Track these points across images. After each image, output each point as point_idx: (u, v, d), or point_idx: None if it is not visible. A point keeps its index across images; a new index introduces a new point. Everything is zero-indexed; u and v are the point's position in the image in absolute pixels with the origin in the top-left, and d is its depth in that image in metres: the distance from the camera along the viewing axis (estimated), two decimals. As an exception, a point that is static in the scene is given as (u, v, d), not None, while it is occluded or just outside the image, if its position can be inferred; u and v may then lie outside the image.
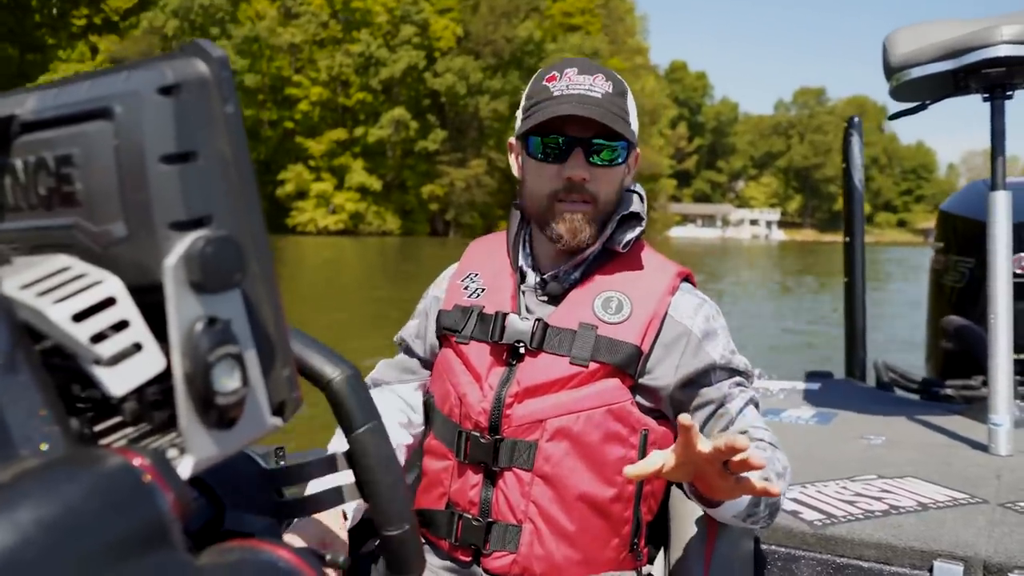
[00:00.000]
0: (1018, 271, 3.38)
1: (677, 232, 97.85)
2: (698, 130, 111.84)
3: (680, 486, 1.32)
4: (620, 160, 1.30)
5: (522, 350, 1.30)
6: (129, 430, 0.51)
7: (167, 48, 56.98)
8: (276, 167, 59.81)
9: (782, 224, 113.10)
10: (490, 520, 1.28)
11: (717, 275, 25.37)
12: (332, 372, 0.73)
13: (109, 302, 0.46)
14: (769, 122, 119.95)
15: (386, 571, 0.74)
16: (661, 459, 1.07)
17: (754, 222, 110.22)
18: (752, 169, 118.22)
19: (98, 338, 0.45)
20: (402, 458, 1.43)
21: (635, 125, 1.34)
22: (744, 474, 1.04)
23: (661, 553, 1.41)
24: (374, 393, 1.44)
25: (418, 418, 1.47)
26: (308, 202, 59.16)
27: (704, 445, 1.02)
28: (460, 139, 63.85)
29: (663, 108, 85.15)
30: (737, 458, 0.99)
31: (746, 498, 1.15)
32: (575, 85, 1.27)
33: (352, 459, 0.72)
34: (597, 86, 1.27)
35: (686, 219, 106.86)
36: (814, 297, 19.25)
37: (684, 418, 1.02)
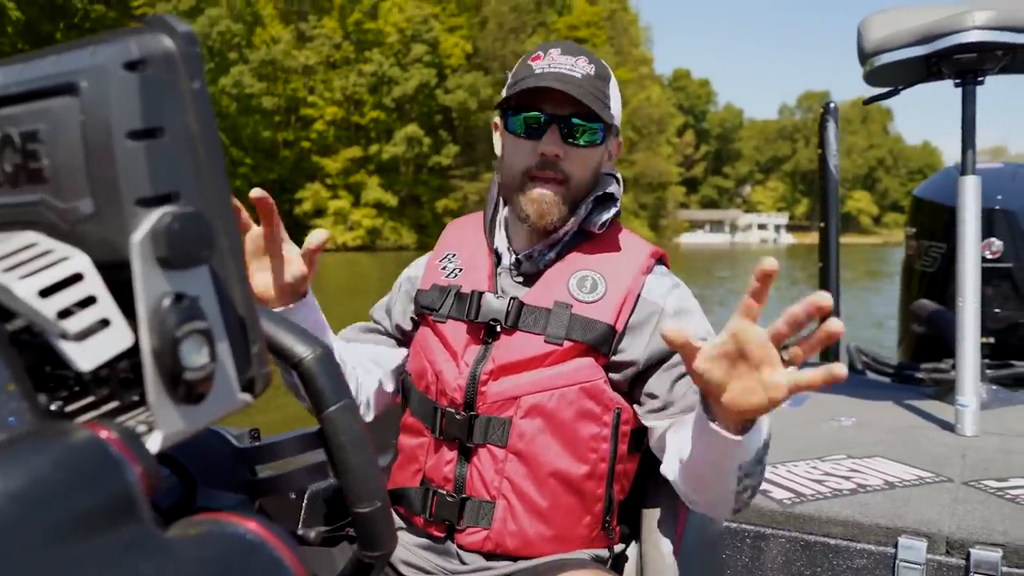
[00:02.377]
0: (988, 255, 3.44)
1: (687, 239, 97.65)
2: (703, 137, 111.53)
3: (657, 468, 1.33)
4: (597, 142, 1.31)
5: (498, 328, 1.31)
6: (100, 410, 0.51)
7: None
8: (294, 186, 61.16)
9: (790, 228, 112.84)
10: (464, 496, 1.29)
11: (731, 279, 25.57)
12: (303, 351, 0.73)
13: (76, 278, 0.46)
14: (774, 127, 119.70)
15: (358, 549, 0.75)
16: (709, 339, 0.98)
17: (762, 226, 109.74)
18: (759, 174, 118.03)
19: (65, 314, 0.45)
20: (365, 402, 1.46)
21: (616, 110, 1.34)
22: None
23: (634, 533, 1.43)
24: (343, 345, 1.46)
25: (375, 373, 1.49)
26: (326, 219, 60.09)
27: (754, 330, 0.91)
28: (471, 153, 65.13)
29: (670, 117, 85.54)
30: (812, 332, 0.88)
31: (763, 431, 1.06)
32: (557, 64, 1.28)
33: (324, 438, 0.73)
34: (579, 67, 1.28)
35: (694, 225, 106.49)
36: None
37: (677, 332, 0.95)
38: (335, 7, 64.83)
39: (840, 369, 0.86)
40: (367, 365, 1.49)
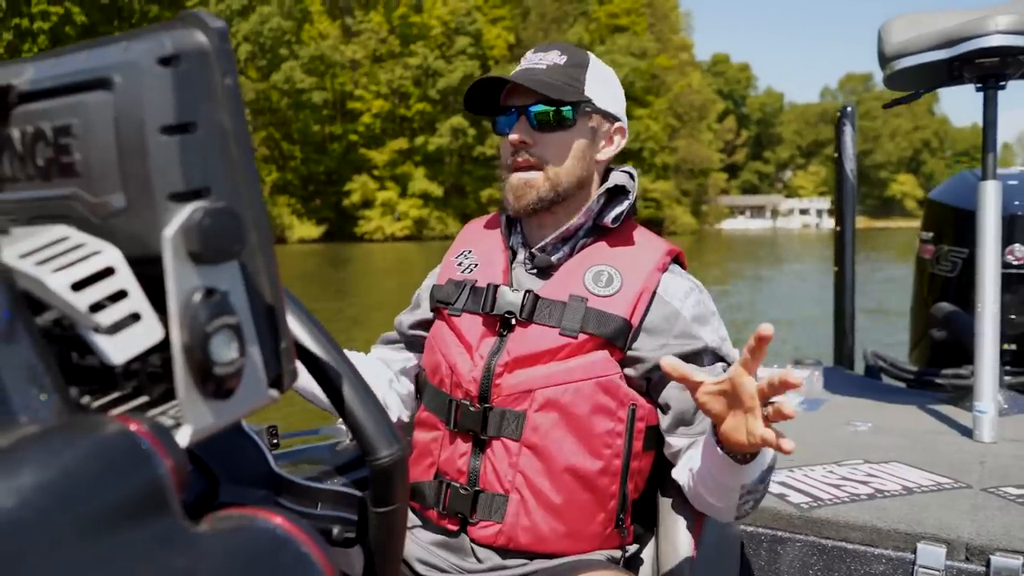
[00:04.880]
0: (1013, 261, 3.41)
1: (728, 224, 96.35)
2: (743, 122, 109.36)
3: (667, 470, 1.33)
4: (568, 124, 1.32)
5: (513, 321, 1.31)
6: (130, 404, 0.51)
7: (243, 70, 58.92)
8: (341, 178, 62.31)
9: (832, 212, 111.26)
10: (477, 489, 1.29)
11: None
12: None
13: (108, 272, 0.46)
14: (815, 110, 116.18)
15: (371, 504, 0.72)
16: (711, 377, 1.07)
17: (804, 211, 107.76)
18: (800, 158, 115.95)
19: (97, 307, 0.45)
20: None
21: (596, 91, 1.35)
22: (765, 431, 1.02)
23: (648, 533, 1.42)
24: (355, 355, 1.48)
25: (385, 373, 1.52)
26: (374, 211, 61.63)
27: (749, 382, 1.01)
28: (515, 143, 65.84)
29: (711, 103, 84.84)
30: (777, 402, 0.99)
31: (767, 460, 1.13)
32: (526, 62, 1.36)
33: (333, 392, 0.71)
34: (547, 59, 1.34)
35: (734, 211, 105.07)
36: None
37: (674, 367, 1.04)
38: (380, 2, 65.89)
39: (794, 378, 0.96)
40: (377, 368, 1.52)
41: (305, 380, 1.35)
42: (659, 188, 70.74)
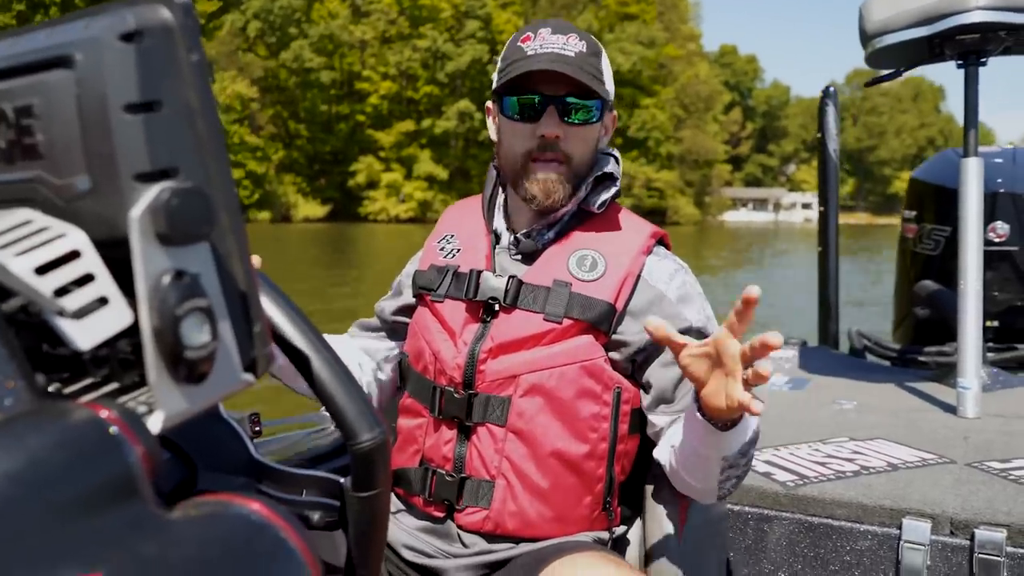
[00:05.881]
0: (994, 239, 3.43)
1: (731, 216, 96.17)
2: (749, 114, 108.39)
3: (651, 447, 1.33)
4: (594, 119, 1.30)
5: (496, 307, 1.30)
6: (100, 391, 0.50)
7: (252, 48, 58.46)
8: (347, 159, 62.82)
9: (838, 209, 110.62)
10: (463, 476, 1.28)
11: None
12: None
13: (73, 255, 0.45)
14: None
15: (351, 489, 0.71)
16: (695, 341, 1.08)
17: (806, 205, 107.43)
18: (804, 152, 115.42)
19: (62, 292, 0.44)
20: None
21: (610, 85, 1.34)
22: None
23: (635, 515, 1.42)
24: (334, 339, 1.47)
25: (369, 363, 1.51)
26: (379, 192, 62.22)
27: (733, 344, 1.01)
28: (520, 128, 66.43)
29: (717, 94, 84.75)
30: (759, 365, 1.00)
31: (748, 431, 1.13)
32: (548, 44, 1.27)
33: (311, 375, 0.70)
34: (571, 45, 1.27)
35: (737, 203, 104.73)
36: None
37: (658, 327, 1.06)
38: None
39: (773, 339, 0.96)
40: (360, 358, 1.50)
41: (286, 368, 1.34)
42: (663, 178, 70.89)
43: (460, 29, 64.30)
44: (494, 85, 1.35)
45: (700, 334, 1.31)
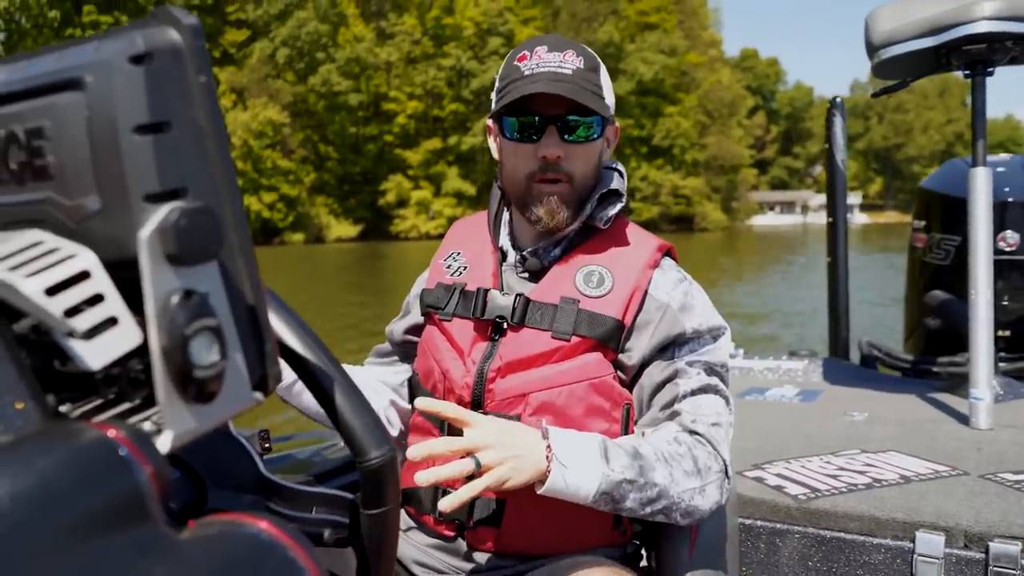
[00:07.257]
0: (1005, 248, 3.42)
1: (758, 220, 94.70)
2: (773, 117, 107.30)
3: None
4: (595, 136, 1.30)
5: (504, 325, 1.30)
6: (110, 411, 0.50)
7: (281, 74, 59.35)
8: (377, 178, 63.74)
9: (864, 207, 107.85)
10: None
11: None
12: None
13: (83, 276, 0.45)
14: (846, 104, 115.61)
15: (362, 507, 0.71)
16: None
17: None
18: None
19: (72, 312, 0.44)
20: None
21: (610, 99, 1.33)
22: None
23: (647, 530, 1.41)
24: (349, 369, 1.47)
25: (385, 392, 1.50)
26: (409, 210, 63.04)
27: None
28: (546, 141, 67.85)
29: (740, 99, 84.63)
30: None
31: (567, 487, 1.13)
32: (545, 63, 1.26)
33: (320, 391, 0.70)
34: (568, 62, 1.26)
35: (764, 207, 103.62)
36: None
37: (421, 403, 1.14)
38: (413, 4, 66.76)
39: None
40: (376, 385, 1.50)
41: (295, 390, 1.34)
42: (689, 185, 70.97)
43: (483, 46, 65.08)
44: (493, 105, 1.35)
45: (692, 342, 1.30)
